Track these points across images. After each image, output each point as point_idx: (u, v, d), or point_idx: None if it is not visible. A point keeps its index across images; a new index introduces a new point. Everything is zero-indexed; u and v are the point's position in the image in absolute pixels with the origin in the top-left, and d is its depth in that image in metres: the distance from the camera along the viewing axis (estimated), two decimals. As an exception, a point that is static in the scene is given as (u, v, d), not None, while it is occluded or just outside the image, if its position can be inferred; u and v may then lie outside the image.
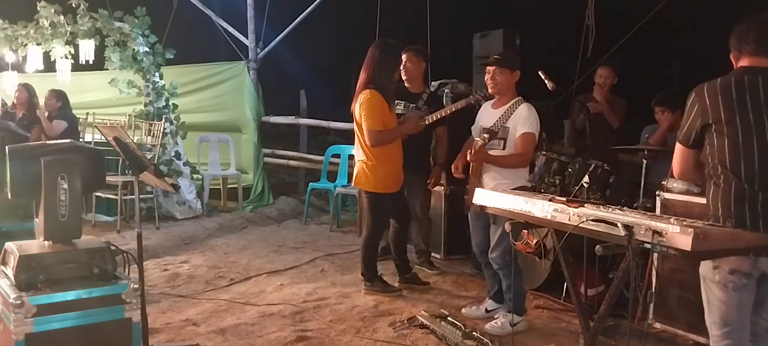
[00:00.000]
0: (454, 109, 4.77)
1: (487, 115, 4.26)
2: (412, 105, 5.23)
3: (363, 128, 4.60)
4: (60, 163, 2.89)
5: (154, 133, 7.28)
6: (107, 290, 2.85)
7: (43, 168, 2.87)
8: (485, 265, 4.32)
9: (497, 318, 4.17)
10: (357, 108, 4.65)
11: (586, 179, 4.35)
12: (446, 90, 5.79)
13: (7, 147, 2.95)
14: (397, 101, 5.11)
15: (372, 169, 4.68)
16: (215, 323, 4.23)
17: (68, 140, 4.58)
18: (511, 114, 4.09)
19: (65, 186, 2.86)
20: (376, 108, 4.57)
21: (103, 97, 8.57)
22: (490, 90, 4.23)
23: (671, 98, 4.99)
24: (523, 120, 4.05)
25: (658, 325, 4.01)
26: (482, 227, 4.26)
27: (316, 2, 8.73)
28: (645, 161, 4.58)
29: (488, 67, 4.20)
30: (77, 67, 7.56)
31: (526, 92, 4.25)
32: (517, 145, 4.06)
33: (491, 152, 4.11)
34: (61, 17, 7.19)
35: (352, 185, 4.99)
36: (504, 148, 4.09)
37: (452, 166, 4.35)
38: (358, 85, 4.75)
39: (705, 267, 2.61)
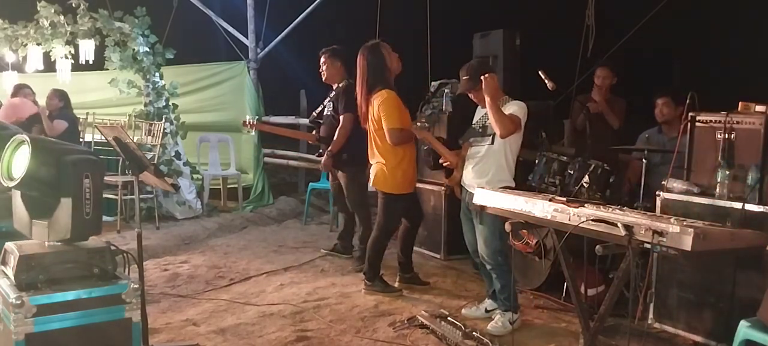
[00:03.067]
0: None
1: (478, 115, 4.33)
2: (327, 101, 5.63)
3: (383, 128, 4.66)
4: (85, 162, 2.89)
5: (154, 133, 7.27)
6: (107, 290, 2.85)
7: (69, 167, 2.86)
8: (482, 264, 4.33)
9: (495, 318, 4.17)
10: (375, 109, 4.69)
11: (586, 178, 4.36)
12: (446, 90, 5.80)
13: (30, 138, 2.92)
14: (323, 102, 5.64)
15: (392, 170, 4.75)
16: (215, 323, 4.23)
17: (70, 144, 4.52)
18: None
19: (89, 185, 2.86)
20: (395, 107, 4.68)
21: (103, 97, 8.58)
22: (480, 106, 4.26)
23: (675, 92, 5.01)
24: (509, 108, 4.06)
25: (658, 325, 4.01)
26: (471, 226, 4.29)
27: (316, 2, 8.74)
28: (644, 162, 4.59)
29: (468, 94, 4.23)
30: (77, 67, 7.55)
31: (526, 92, 4.25)
32: None
33: (479, 146, 4.15)
34: (61, 17, 7.18)
35: (371, 186, 5.00)
36: (492, 143, 4.10)
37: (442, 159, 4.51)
38: (362, 93, 4.81)
39: None
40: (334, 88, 5.60)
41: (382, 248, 4.92)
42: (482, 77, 4.01)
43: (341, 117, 5.34)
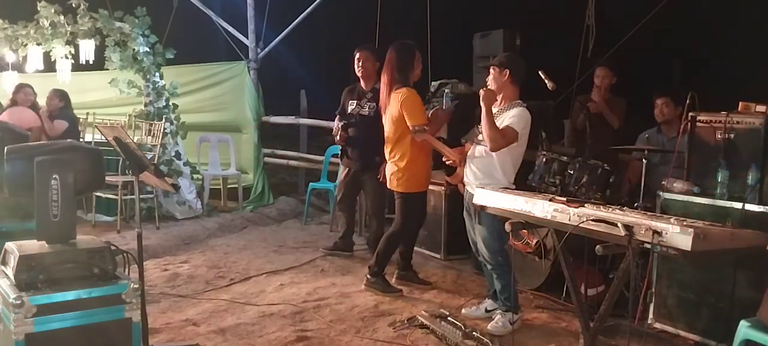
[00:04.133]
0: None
1: None
2: (363, 100, 5.50)
3: (407, 125, 4.65)
4: (52, 163, 2.87)
5: (154, 133, 7.27)
6: (107, 290, 2.84)
7: (36, 168, 2.85)
8: (483, 264, 4.33)
9: (495, 318, 4.17)
10: (396, 107, 4.69)
11: (586, 178, 4.36)
12: (446, 90, 5.80)
13: (5, 147, 2.94)
14: (350, 100, 5.54)
15: (404, 169, 4.77)
16: (215, 323, 4.23)
17: (68, 140, 4.54)
18: (501, 114, 4.10)
19: (57, 186, 2.84)
20: (417, 104, 4.70)
21: (104, 97, 8.58)
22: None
23: (674, 92, 5.02)
24: (509, 117, 4.06)
25: (658, 325, 4.01)
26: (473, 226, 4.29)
27: (316, 2, 8.74)
28: (644, 162, 4.59)
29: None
30: (77, 67, 7.55)
31: (526, 92, 4.24)
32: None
33: (481, 146, 4.14)
34: (61, 17, 7.18)
35: (388, 186, 4.99)
36: None
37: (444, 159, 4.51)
38: (387, 87, 4.81)
39: None
40: (370, 88, 5.51)
41: (395, 246, 4.94)
42: (483, 89, 4.05)
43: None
